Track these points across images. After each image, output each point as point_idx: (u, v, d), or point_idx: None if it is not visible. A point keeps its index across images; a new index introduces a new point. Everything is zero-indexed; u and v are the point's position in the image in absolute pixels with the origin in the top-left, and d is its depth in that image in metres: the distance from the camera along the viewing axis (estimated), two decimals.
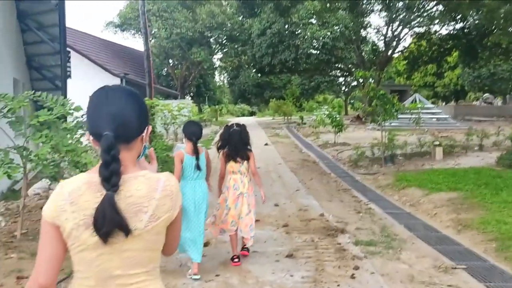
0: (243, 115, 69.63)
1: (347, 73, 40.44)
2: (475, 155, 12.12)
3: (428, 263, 4.82)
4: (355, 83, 43.35)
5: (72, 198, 1.36)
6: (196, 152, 4.48)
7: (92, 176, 1.39)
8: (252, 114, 70.92)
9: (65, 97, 9.98)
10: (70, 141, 5.75)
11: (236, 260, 4.73)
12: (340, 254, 4.99)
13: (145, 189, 1.40)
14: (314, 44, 32.45)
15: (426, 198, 7.85)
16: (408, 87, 38.65)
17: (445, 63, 36.92)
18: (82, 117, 6.65)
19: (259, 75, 44.94)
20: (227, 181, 4.86)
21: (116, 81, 21.03)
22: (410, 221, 6.65)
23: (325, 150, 16.18)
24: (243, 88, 55.47)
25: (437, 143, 12.29)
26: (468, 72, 40.62)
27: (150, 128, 1.52)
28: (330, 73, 43.11)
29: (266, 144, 18.51)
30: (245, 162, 4.80)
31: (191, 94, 47.18)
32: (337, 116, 17.86)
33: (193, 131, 4.54)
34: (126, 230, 1.35)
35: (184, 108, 18.55)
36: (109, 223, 1.32)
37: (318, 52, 33.42)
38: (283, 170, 11.74)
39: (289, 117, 40.07)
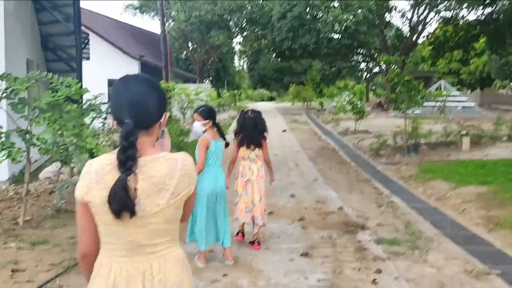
0: (262, 100, 69.19)
1: (370, 59, 39.41)
2: (504, 146, 11.50)
3: (458, 266, 4.37)
4: (377, 69, 42.30)
5: (98, 177, 1.50)
6: (222, 135, 4.36)
7: (116, 157, 1.50)
8: (271, 99, 70.38)
9: (80, 79, 9.73)
10: (74, 125, 5.45)
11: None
12: (361, 254, 4.56)
13: (166, 169, 1.52)
14: (336, 28, 31.44)
15: (453, 192, 7.35)
16: (432, 73, 37.56)
17: (472, 49, 35.60)
18: (95, 99, 6.35)
19: (279, 59, 44.19)
20: (237, 167, 4.77)
21: (133, 63, 20.84)
22: (436, 217, 6.18)
23: (345, 137, 15.69)
24: (263, 73, 54.96)
25: (464, 132, 11.66)
26: (495, 59, 39.30)
27: (168, 114, 1.65)
28: (352, 59, 42.03)
29: (284, 131, 18.12)
30: (257, 149, 4.69)
31: (210, 78, 46.86)
32: (358, 102, 17.31)
33: (212, 111, 4.36)
34: (132, 211, 1.46)
35: (201, 92, 18.22)
36: (117, 202, 1.44)
37: (340, 36, 32.37)
38: (301, 158, 11.31)
39: (308, 103, 39.50)
